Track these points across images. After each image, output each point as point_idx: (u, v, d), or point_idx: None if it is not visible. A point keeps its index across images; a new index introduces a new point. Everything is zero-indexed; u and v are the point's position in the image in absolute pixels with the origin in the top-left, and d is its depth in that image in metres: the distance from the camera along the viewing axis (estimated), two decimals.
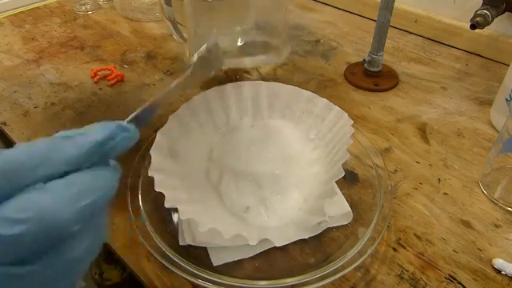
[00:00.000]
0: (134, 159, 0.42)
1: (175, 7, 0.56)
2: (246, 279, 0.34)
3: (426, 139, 0.51)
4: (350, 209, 0.40)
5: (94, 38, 0.72)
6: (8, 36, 0.73)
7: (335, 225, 0.39)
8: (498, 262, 0.36)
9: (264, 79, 0.61)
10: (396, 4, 0.55)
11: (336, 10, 0.81)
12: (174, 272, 0.33)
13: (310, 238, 0.37)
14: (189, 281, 0.34)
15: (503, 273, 0.36)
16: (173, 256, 0.34)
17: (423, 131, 0.52)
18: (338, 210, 0.40)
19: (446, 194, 0.43)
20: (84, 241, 0.19)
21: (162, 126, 0.41)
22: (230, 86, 0.46)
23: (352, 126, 0.41)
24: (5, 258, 0.16)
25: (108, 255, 1.12)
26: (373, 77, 0.60)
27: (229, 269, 0.36)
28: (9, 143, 0.55)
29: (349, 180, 0.43)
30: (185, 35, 0.58)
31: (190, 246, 0.36)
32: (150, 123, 0.55)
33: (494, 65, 0.64)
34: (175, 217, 0.39)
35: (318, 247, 0.38)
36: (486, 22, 0.55)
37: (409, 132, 0.52)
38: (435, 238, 0.39)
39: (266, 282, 0.33)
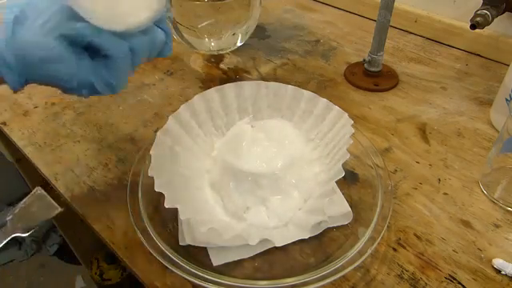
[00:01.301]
0: (134, 159, 0.42)
1: (175, 7, 0.56)
2: (245, 279, 0.34)
3: (426, 139, 0.51)
4: (350, 209, 0.40)
5: None
6: None
7: (335, 225, 0.39)
8: (498, 262, 0.36)
9: (264, 79, 0.61)
10: (396, 4, 0.55)
11: (336, 9, 0.81)
12: (174, 272, 0.33)
13: (309, 237, 0.37)
14: (189, 281, 0.34)
15: (503, 273, 0.36)
16: (173, 256, 0.34)
17: (423, 131, 0.52)
18: (338, 210, 0.40)
19: (446, 194, 0.43)
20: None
21: (162, 126, 0.41)
22: (229, 86, 0.46)
23: (352, 125, 0.41)
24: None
25: (108, 255, 1.12)
26: (373, 77, 0.60)
27: (229, 269, 0.36)
28: (9, 143, 0.55)
29: (349, 180, 0.43)
30: (185, 35, 0.58)
31: (189, 245, 0.36)
32: (149, 124, 0.55)
33: (494, 65, 0.64)
34: (175, 217, 0.39)
35: (318, 247, 0.38)
36: (485, 22, 0.55)
37: (409, 132, 0.52)
38: (435, 238, 0.39)
39: (265, 282, 0.33)
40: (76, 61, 0.31)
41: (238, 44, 0.62)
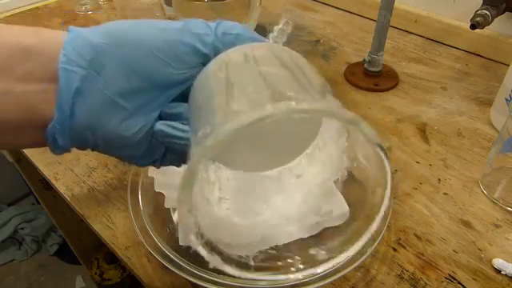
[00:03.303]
0: None
1: (175, 7, 0.56)
2: (246, 279, 0.34)
3: (426, 139, 0.51)
4: (349, 208, 0.39)
5: None
6: None
7: (335, 224, 0.39)
8: (498, 262, 0.36)
9: None
10: (396, 4, 0.55)
11: (336, 9, 0.81)
12: (173, 272, 0.33)
13: (309, 237, 0.37)
14: (189, 281, 0.34)
15: (503, 273, 0.36)
16: (173, 256, 0.34)
17: (423, 131, 0.52)
18: (338, 209, 0.40)
19: (446, 193, 0.43)
20: None
21: None
22: None
23: None
24: None
25: (108, 255, 1.12)
26: (373, 77, 0.60)
27: None
28: None
29: (348, 180, 0.43)
30: None
31: (190, 245, 0.36)
32: None
33: (494, 65, 0.64)
34: (175, 217, 0.39)
35: None
36: (486, 22, 0.55)
37: (409, 132, 0.52)
38: (435, 238, 0.39)
39: (266, 282, 0.33)
40: (147, 146, 0.26)
41: None
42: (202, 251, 0.25)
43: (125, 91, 0.24)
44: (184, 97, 0.26)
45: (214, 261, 0.26)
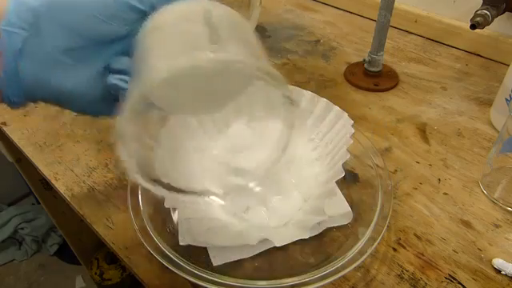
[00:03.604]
0: None
1: None
2: (245, 279, 0.34)
3: (426, 139, 0.51)
4: (350, 209, 0.40)
5: None
6: None
7: (335, 225, 0.39)
8: (498, 262, 0.36)
9: None
10: (396, 4, 0.55)
11: (336, 9, 0.81)
12: (173, 272, 0.33)
13: (310, 237, 0.37)
14: (189, 281, 0.34)
15: (503, 273, 0.36)
16: (173, 256, 0.34)
17: (423, 131, 0.52)
18: (338, 209, 0.40)
19: (446, 193, 0.43)
20: None
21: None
22: None
23: (352, 125, 0.41)
24: None
25: (108, 255, 1.12)
26: (373, 77, 0.60)
27: (229, 269, 0.36)
28: (9, 143, 0.55)
29: (349, 180, 0.43)
30: None
31: (189, 245, 0.36)
32: None
33: (494, 65, 0.64)
34: (175, 217, 0.39)
35: (317, 247, 0.38)
36: (486, 22, 0.55)
37: (409, 132, 0.52)
38: (435, 238, 0.39)
39: (265, 282, 0.33)
40: (98, 99, 0.28)
41: None
42: (147, 185, 0.28)
43: (66, 49, 0.25)
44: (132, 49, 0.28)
45: (159, 191, 0.29)
